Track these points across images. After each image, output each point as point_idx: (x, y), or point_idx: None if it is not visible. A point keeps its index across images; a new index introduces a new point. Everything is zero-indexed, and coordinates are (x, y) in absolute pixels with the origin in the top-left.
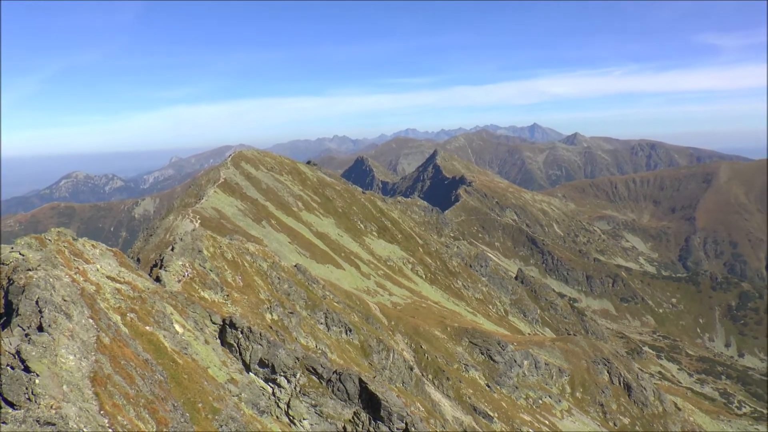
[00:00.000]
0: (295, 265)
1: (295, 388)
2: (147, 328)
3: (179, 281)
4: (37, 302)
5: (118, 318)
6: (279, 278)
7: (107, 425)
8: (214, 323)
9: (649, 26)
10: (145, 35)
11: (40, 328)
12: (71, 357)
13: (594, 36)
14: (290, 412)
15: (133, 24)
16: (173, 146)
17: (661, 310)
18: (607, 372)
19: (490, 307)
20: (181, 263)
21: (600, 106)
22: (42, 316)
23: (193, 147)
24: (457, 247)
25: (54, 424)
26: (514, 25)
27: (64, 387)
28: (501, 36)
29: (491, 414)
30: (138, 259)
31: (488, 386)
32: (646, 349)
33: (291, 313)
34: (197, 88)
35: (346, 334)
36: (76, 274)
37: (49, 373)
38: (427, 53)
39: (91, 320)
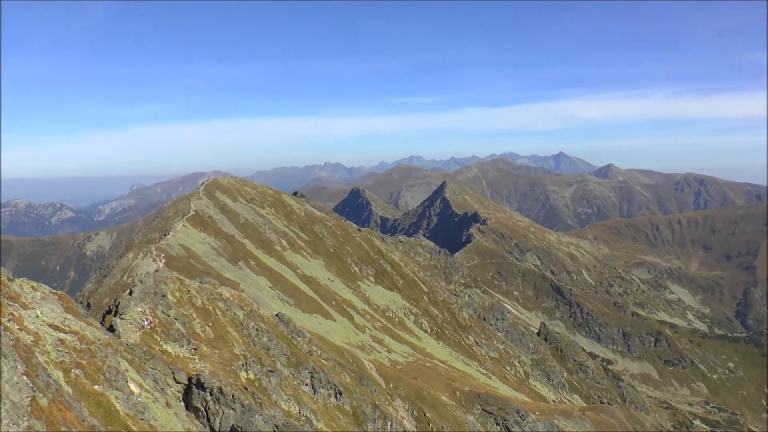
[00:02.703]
0: (277, 315)
1: None
2: (96, 387)
3: (137, 331)
4: None
5: (61, 375)
6: (257, 330)
7: None
8: (177, 382)
9: (694, 42)
10: (108, 42)
11: None
12: None
13: (629, 52)
14: None
15: (93, 28)
16: (135, 172)
17: (715, 376)
18: None
19: (508, 368)
20: (140, 310)
21: (637, 133)
22: None
23: (159, 173)
24: (469, 296)
25: None
26: (535, 38)
27: None
28: (520, 51)
29: None
30: (88, 305)
31: None
32: (697, 423)
33: (271, 371)
34: (167, 105)
35: (336, 397)
36: (9, 321)
37: None
38: (435, 69)
39: (25, 377)
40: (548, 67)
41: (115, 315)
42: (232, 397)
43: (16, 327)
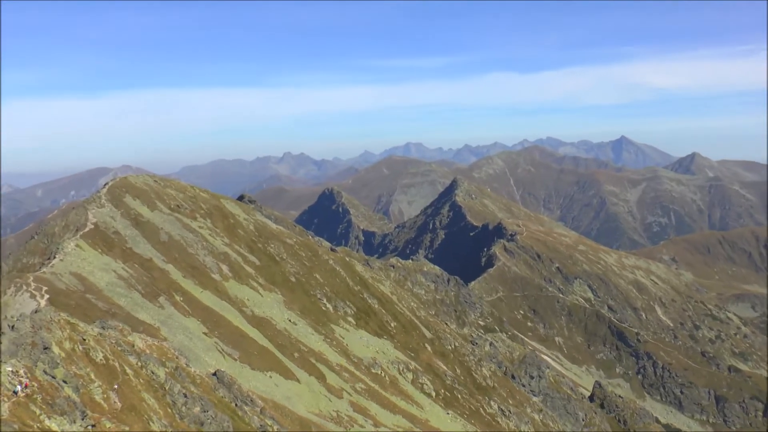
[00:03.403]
0: (215, 374)
1: None
2: None
3: (6, 401)
4: None
5: None
6: (186, 395)
7: None
8: None
9: None
10: None
11: None
12: None
13: None
14: None
15: None
16: (3, 168)
17: None
18: None
19: None
20: (10, 369)
21: (736, 108)
22: None
23: (39, 170)
24: (491, 343)
25: None
26: None
27: None
28: None
29: None
30: None
31: None
32: None
33: None
34: (47, 72)
35: None
36: None
37: None
38: (441, 16)
39: None
40: (606, 12)
41: None
42: None
43: None
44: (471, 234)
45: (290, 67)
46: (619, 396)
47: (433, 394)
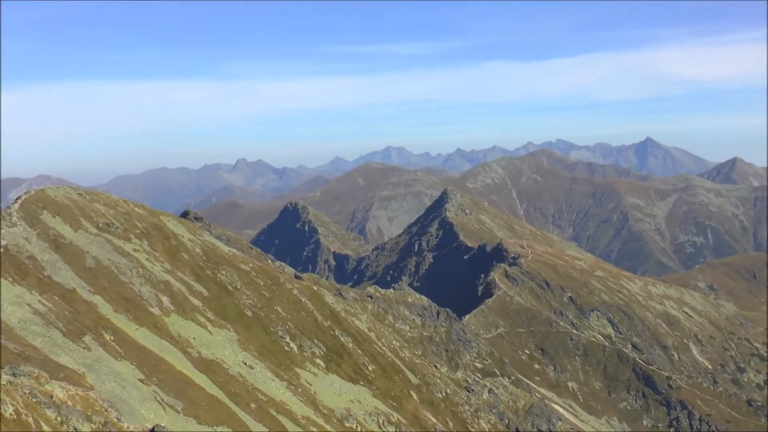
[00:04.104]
0: (153, 429)
1: None
2: None
3: None
4: None
5: None
6: None
7: None
8: None
9: None
10: None
11: None
12: None
13: None
14: None
15: None
16: None
17: None
18: None
19: None
20: None
21: None
22: None
23: None
24: (491, 390)
25: None
26: None
27: None
28: None
29: None
30: None
31: None
32: None
33: None
34: None
35: None
36: None
37: None
38: None
39: None
40: None
41: None
42: None
43: None
44: (465, 257)
45: (244, 54)
46: None
47: None
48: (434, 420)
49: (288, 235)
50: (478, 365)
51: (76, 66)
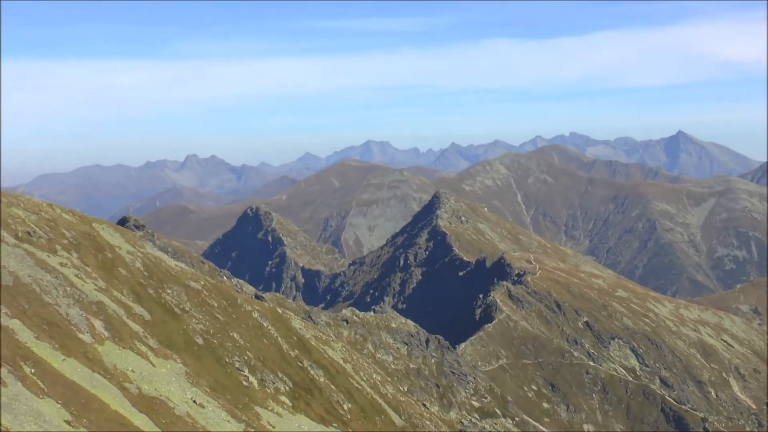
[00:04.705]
0: None
1: None
2: None
3: None
4: None
5: None
6: None
7: None
8: None
9: None
10: None
11: None
12: None
13: None
14: None
15: None
16: None
17: None
18: None
19: None
20: None
21: None
22: None
23: None
24: None
25: None
26: None
27: None
28: None
29: None
30: None
31: None
32: None
33: None
34: None
35: None
36: None
37: None
38: None
39: None
40: None
41: None
42: None
43: None
44: (460, 273)
45: (196, 29)
46: None
47: None
48: None
49: (247, 247)
50: (476, 404)
51: None
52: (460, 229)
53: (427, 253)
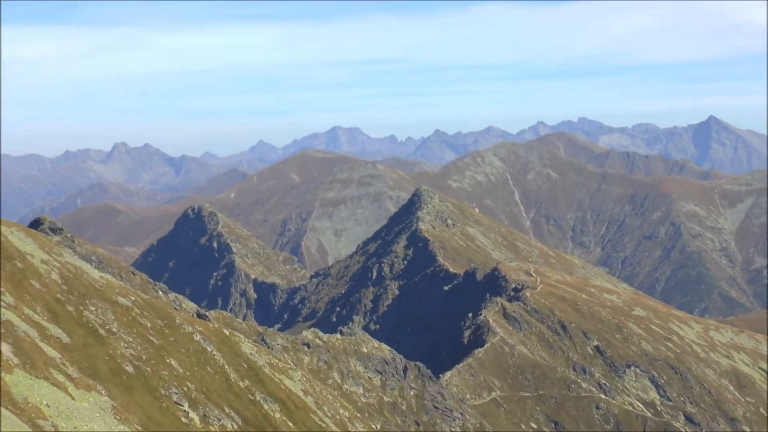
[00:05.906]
0: None
1: None
2: None
3: None
4: None
5: None
6: None
7: None
8: None
9: None
10: None
11: None
12: None
13: None
14: None
15: None
16: None
17: None
18: None
19: None
20: None
21: None
22: None
23: None
24: None
25: None
26: None
27: None
28: None
29: None
30: None
31: None
32: None
33: None
34: None
35: None
36: None
37: None
38: None
39: None
40: None
41: None
42: None
43: None
44: (445, 288)
45: None
46: None
47: None
48: None
49: (188, 255)
50: None
51: None
52: (446, 235)
53: (405, 263)
